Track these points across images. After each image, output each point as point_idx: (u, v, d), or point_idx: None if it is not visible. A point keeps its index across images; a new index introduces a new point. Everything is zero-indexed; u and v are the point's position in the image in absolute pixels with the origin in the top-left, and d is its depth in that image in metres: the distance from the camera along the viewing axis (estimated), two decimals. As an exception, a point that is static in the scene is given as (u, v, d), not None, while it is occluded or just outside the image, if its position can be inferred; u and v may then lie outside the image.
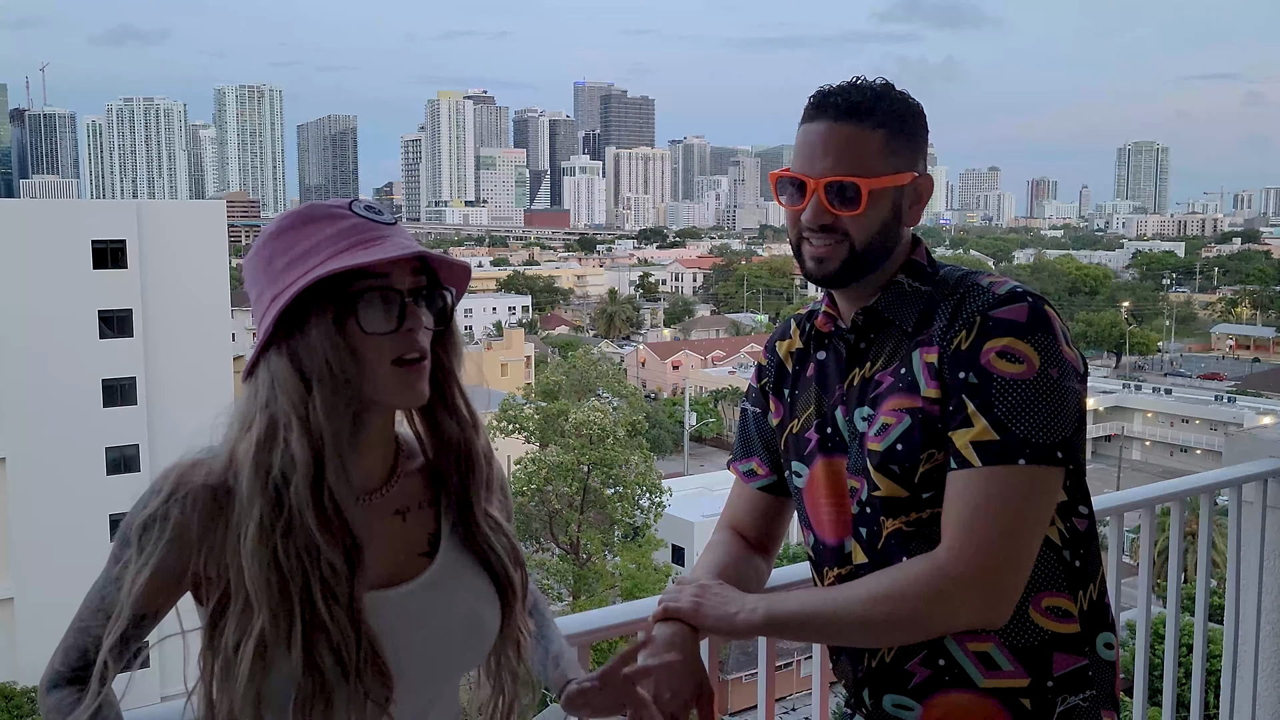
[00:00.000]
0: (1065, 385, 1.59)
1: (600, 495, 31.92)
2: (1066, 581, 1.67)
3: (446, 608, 1.45)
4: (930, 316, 1.68)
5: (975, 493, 1.56)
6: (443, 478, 1.51)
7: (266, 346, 1.35)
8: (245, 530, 1.30)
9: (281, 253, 1.37)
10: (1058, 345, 1.60)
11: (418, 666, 1.42)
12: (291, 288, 1.32)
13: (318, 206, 1.39)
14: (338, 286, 1.33)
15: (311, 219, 1.38)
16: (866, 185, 1.65)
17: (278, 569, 1.30)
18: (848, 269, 1.70)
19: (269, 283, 1.36)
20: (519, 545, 1.56)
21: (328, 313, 1.33)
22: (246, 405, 1.36)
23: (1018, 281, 1.68)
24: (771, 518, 1.95)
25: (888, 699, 1.72)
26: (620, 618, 2.02)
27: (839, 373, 1.77)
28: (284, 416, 1.32)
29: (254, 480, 1.32)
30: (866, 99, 1.66)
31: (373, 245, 1.35)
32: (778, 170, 1.71)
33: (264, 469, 1.32)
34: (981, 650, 1.65)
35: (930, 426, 1.62)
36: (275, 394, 1.33)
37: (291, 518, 1.31)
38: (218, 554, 1.32)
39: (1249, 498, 3.20)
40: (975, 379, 1.59)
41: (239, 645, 1.29)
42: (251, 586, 1.29)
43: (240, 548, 1.30)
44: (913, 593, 1.58)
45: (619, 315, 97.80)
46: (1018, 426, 1.55)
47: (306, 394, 1.32)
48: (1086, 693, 1.67)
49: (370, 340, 1.35)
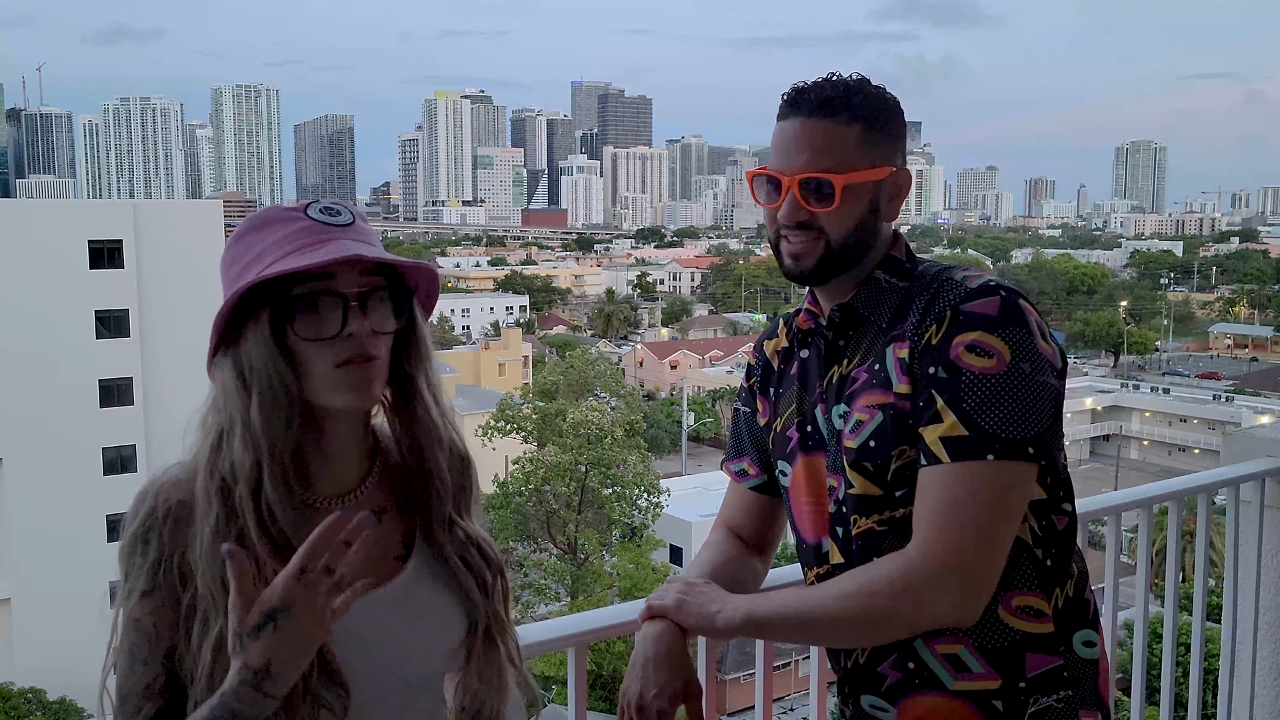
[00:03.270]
0: (1038, 380, 1.56)
1: (598, 495, 31.89)
2: (1038, 580, 1.64)
3: (416, 614, 1.43)
4: (904, 312, 1.66)
5: (944, 489, 1.54)
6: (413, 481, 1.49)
7: (215, 352, 1.35)
8: (202, 532, 1.31)
9: (238, 257, 1.37)
10: (1031, 339, 1.58)
11: (386, 673, 1.39)
12: (228, 294, 1.33)
13: (275, 210, 1.38)
14: (279, 291, 1.32)
15: (266, 223, 1.37)
16: (841, 180, 1.63)
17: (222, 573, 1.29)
18: (825, 265, 1.69)
19: (225, 287, 1.36)
20: (493, 552, 1.52)
21: (264, 319, 1.32)
22: (205, 411, 1.37)
23: (994, 276, 1.66)
24: (766, 517, 1.94)
25: (865, 699, 1.72)
26: (618, 618, 2.01)
27: (819, 371, 1.76)
28: (228, 423, 1.33)
29: (207, 483, 1.32)
30: (840, 94, 1.65)
31: (316, 248, 1.33)
32: (755, 168, 1.70)
33: (216, 474, 1.32)
34: (951, 652, 1.63)
35: (902, 422, 1.60)
36: (222, 400, 1.34)
37: (244, 524, 1.31)
38: (189, 558, 1.32)
39: (1246, 497, 3.20)
40: (944, 374, 1.57)
41: (200, 646, 1.29)
42: (206, 588, 1.29)
43: (198, 549, 1.31)
44: (882, 590, 1.56)
45: (617, 315, 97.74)
46: (987, 421, 1.53)
47: (247, 400, 1.32)
48: (1061, 693, 1.64)
49: (310, 345, 1.33)
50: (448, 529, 1.48)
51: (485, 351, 61.89)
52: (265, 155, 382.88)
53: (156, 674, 1.32)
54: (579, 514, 31.75)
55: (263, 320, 1.32)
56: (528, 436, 35.38)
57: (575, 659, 1.97)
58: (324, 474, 1.42)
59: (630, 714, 1.66)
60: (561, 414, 33.15)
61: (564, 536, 31.92)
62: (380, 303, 1.37)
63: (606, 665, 23.66)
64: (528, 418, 35.65)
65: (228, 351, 1.35)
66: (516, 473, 32.25)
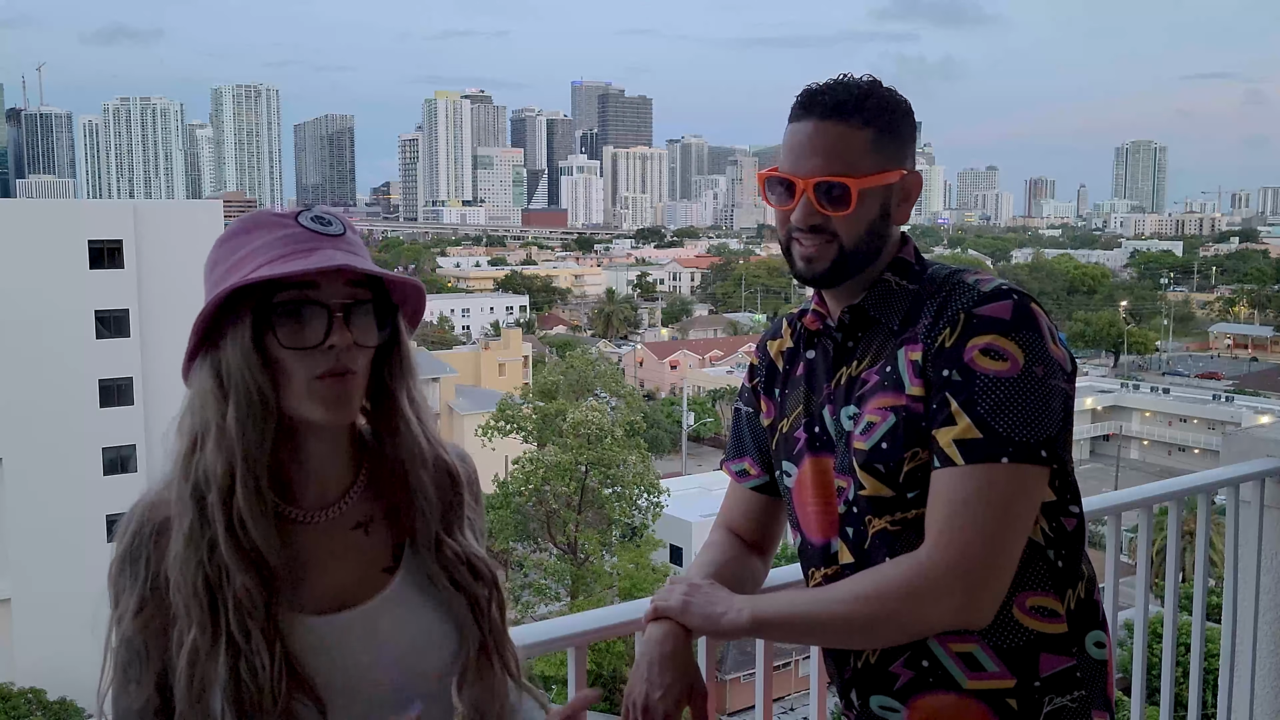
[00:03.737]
0: (1050, 384, 1.57)
1: (598, 495, 31.89)
2: (1051, 581, 1.65)
3: (401, 628, 1.40)
4: (916, 314, 1.67)
5: (958, 491, 1.55)
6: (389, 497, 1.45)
7: (194, 355, 1.33)
8: (175, 539, 1.29)
9: (222, 259, 1.34)
10: (1043, 343, 1.59)
11: (368, 687, 1.36)
12: (211, 296, 1.31)
13: (264, 214, 1.36)
14: (262, 297, 1.29)
15: (256, 226, 1.34)
16: (856, 185, 1.64)
17: (205, 581, 1.27)
18: (837, 269, 1.69)
19: (209, 289, 1.33)
20: (486, 568, 1.48)
21: (246, 323, 1.29)
22: (181, 415, 1.35)
23: (1005, 279, 1.67)
24: (766, 518, 1.94)
25: (874, 700, 1.71)
26: (618, 617, 2.01)
27: (827, 372, 1.76)
28: (203, 427, 1.31)
29: (182, 487, 1.30)
30: (853, 97, 1.65)
31: (304, 256, 1.30)
32: (765, 170, 1.70)
33: (190, 479, 1.30)
34: (965, 651, 1.64)
35: (914, 425, 1.61)
36: (198, 404, 1.32)
37: (215, 533, 1.29)
38: (165, 566, 1.30)
39: (1246, 497, 3.20)
40: (958, 376, 1.57)
41: (177, 655, 1.28)
42: (178, 596, 1.28)
43: (169, 557, 1.29)
44: (894, 592, 1.56)
45: (617, 315, 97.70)
46: (1001, 424, 1.54)
47: (224, 405, 1.29)
48: (1075, 693, 1.65)
49: (291, 354, 1.30)
50: (435, 548, 1.44)
51: (485, 351, 61.85)
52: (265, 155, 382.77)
53: (149, 695, 1.30)
54: (579, 514, 31.74)
55: (244, 325, 1.29)
56: (528, 436, 35.37)
57: (575, 659, 1.97)
58: (305, 486, 1.39)
59: (635, 715, 1.66)
60: (561, 414, 33.15)
61: (564, 536, 31.92)
62: (364, 315, 1.34)
63: (606, 665, 23.66)
64: (528, 418, 35.65)
65: (206, 355, 1.32)
66: (517, 473, 32.23)
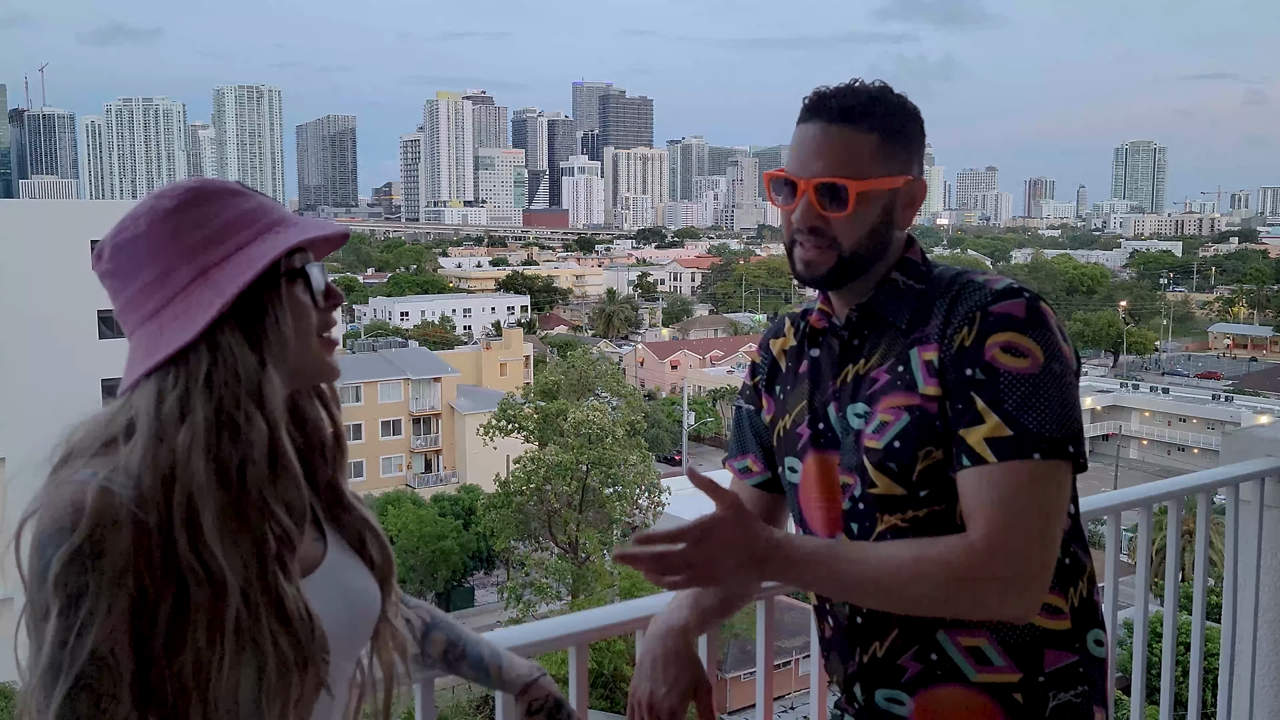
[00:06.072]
0: (1066, 380, 1.59)
1: (599, 494, 31.90)
2: (1057, 579, 1.65)
3: (343, 588, 1.41)
4: (925, 314, 1.67)
5: (995, 487, 1.54)
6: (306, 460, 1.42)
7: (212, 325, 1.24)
8: (204, 522, 1.20)
9: (191, 227, 1.28)
10: (1056, 340, 1.61)
11: (356, 649, 1.44)
12: (247, 260, 1.27)
13: (211, 182, 1.33)
14: (278, 262, 1.31)
15: (216, 194, 1.31)
16: (855, 187, 1.65)
17: (238, 549, 1.21)
18: (837, 273, 1.70)
19: (186, 256, 1.28)
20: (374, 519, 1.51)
21: (279, 286, 1.30)
22: (156, 395, 1.25)
23: (1011, 279, 1.68)
24: (769, 515, 1.94)
25: (880, 694, 1.72)
26: (619, 616, 2.02)
27: (832, 369, 1.77)
28: (233, 398, 1.24)
29: (207, 466, 1.21)
30: (862, 102, 1.66)
31: (295, 223, 1.34)
32: (772, 170, 1.72)
33: (218, 455, 1.22)
34: (974, 645, 1.65)
35: (928, 424, 1.62)
36: (222, 373, 1.24)
37: (248, 500, 1.23)
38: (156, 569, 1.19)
39: (1246, 496, 3.20)
40: (982, 375, 1.58)
41: (212, 640, 1.20)
42: (222, 571, 1.20)
43: (194, 544, 1.20)
44: (948, 573, 1.52)
45: (617, 315, 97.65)
46: (1030, 421, 1.54)
47: (261, 370, 1.27)
48: (1079, 688, 1.67)
49: (308, 314, 1.34)
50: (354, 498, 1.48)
51: (487, 351, 61.84)
52: (267, 156, 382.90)
53: (129, 712, 1.17)
54: (580, 513, 31.75)
55: (279, 287, 1.30)
56: (529, 436, 35.34)
57: (576, 658, 1.97)
58: None
59: (641, 713, 1.66)
60: (563, 414, 33.14)
61: (565, 536, 31.92)
62: None
63: (607, 664, 23.65)
64: (529, 417, 35.62)
65: (228, 321, 1.25)
66: (518, 472, 32.24)
